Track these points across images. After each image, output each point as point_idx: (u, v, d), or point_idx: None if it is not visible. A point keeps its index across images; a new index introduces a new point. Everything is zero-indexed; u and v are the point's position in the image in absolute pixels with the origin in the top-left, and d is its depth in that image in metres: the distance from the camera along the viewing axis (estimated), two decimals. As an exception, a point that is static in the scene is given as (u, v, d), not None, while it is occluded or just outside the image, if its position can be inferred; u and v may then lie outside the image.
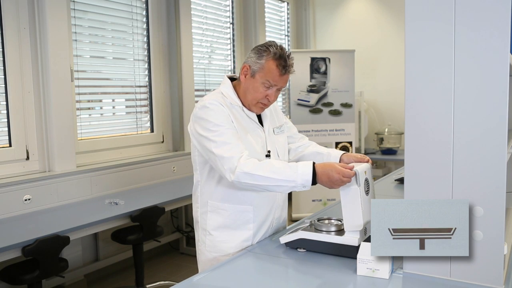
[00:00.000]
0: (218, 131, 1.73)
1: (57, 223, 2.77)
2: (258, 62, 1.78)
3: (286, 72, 1.78)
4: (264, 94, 1.81)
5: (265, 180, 1.66)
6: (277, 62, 1.76)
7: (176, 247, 4.37)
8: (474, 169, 1.39)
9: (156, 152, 4.23)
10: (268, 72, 1.77)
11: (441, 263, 1.44)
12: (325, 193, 5.12)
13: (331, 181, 1.64)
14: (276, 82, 1.78)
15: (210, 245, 1.88)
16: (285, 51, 1.79)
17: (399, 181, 3.00)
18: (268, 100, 1.82)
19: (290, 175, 1.66)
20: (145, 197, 3.41)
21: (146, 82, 4.17)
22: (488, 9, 1.33)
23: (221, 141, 1.72)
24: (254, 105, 1.84)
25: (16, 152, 3.15)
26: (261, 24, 5.39)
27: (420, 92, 1.45)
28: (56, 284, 3.25)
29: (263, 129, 1.90)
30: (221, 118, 1.76)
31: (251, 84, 1.81)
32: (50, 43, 3.19)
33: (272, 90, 1.80)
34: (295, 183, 1.66)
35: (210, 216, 1.88)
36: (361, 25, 6.04)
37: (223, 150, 1.71)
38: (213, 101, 1.79)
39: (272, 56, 1.76)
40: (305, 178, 1.65)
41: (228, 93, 1.86)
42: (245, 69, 1.83)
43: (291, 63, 1.79)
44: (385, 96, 5.92)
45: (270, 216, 1.92)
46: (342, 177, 1.62)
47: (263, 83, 1.78)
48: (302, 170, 1.66)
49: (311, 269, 1.60)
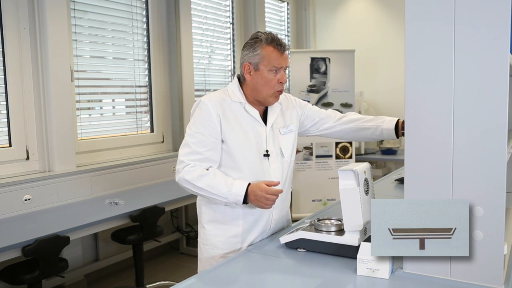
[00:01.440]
0: (192, 133, 1.83)
1: (57, 223, 2.77)
2: (255, 54, 1.81)
3: (284, 50, 1.84)
4: (276, 80, 1.83)
5: (202, 191, 1.79)
6: (273, 45, 1.81)
7: (176, 247, 4.38)
8: (474, 169, 1.39)
9: (156, 152, 4.23)
10: (270, 58, 1.81)
11: (441, 263, 1.44)
12: (325, 193, 5.13)
13: (257, 199, 1.74)
14: (280, 63, 1.82)
15: (203, 238, 1.94)
16: (273, 34, 1.85)
17: (399, 181, 3.00)
18: (281, 84, 1.85)
19: (223, 192, 1.76)
20: (145, 197, 3.41)
21: (146, 82, 4.17)
22: (488, 9, 1.33)
23: (186, 143, 1.84)
24: (271, 95, 1.86)
25: (16, 152, 3.15)
26: (261, 24, 5.39)
27: (420, 92, 1.45)
28: (56, 284, 3.25)
29: (265, 128, 1.90)
30: (204, 121, 1.81)
31: (259, 77, 1.83)
32: (50, 43, 3.19)
33: (280, 73, 1.84)
34: (227, 200, 1.77)
35: (204, 209, 1.94)
36: (361, 25, 6.04)
37: (182, 151, 1.84)
38: (208, 101, 1.83)
39: (265, 42, 1.81)
40: (237, 198, 1.76)
41: (233, 90, 1.89)
42: (247, 68, 1.84)
43: (284, 42, 1.85)
44: (385, 96, 5.92)
45: (265, 217, 1.91)
46: (265, 194, 1.71)
47: (270, 70, 1.81)
48: (236, 190, 1.75)
49: (311, 269, 1.60)
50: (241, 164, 1.83)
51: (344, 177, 1.63)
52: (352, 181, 1.63)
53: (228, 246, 1.88)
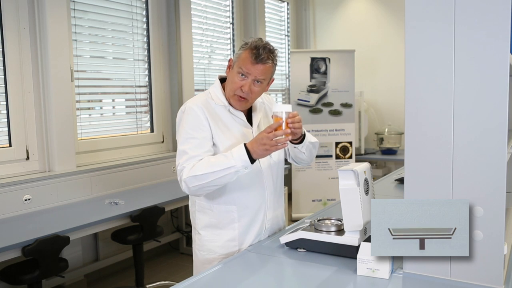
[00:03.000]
0: (185, 140, 1.79)
1: (57, 223, 2.77)
2: (237, 54, 1.82)
3: (258, 62, 1.75)
4: (239, 85, 1.79)
5: (208, 176, 1.70)
6: (251, 51, 1.77)
7: (176, 247, 4.38)
8: (474, 169, 1.39)
9: (156, 152, 4.23)
10: (241, 60, 1.78)
11: (441, 263, 1.44)
12: (325, 193, 5.13)
13: (262, 143, 1.66)
14: (247, 69, 1.76)
15: (199, 244, 1.92)
16: (263, 43, 1.79)
17: (399, 181, 3.00)
18: (241, 91, 1.79)
19: (227, 162, 1.69)
20: (145, 197, 3.41)
21: (146, 82, 4.17)
22: (488, 9, 1.33)
23: (182, 150, 1.79)
24: (231, 97, 1.83)
25: (16, 152, 3.15)
26: (261, 24, 5.39)
27: (420, 92, 1.44)
28: (56, 284, 3.25)
29: (251, 129, 1.89)
30: (195, 126, 1.80)
31: (230, 75, 1.84)
32: (50, 43, 3.19)
33: (246, 81, 1.78)
34: (235, 168, 1.69)
35: (198, 215, 1.92)
36: (361, 25, 6.05)
37: (180, 160, 1.78)
38: (194, 105, 1.82)
39: (249, 46, 1.78)
40: (243, 159, 1.68)
41: (216, 92, 1.88)
42: (229, 63, 1.86)
43: (267, 55, 1.77)
44: (385, 96, 5.92)
45: (260, 217, 1.90)
46: (264, 134, 1.66)
47: (238, 72, 1.79)
48: (237, 153, 1.69)
49: (311, 269, 1.60)
50: None
51: (344, 177, 1.63)
52: (352, 181, 1.63)
53: (225, 250, 1.86)
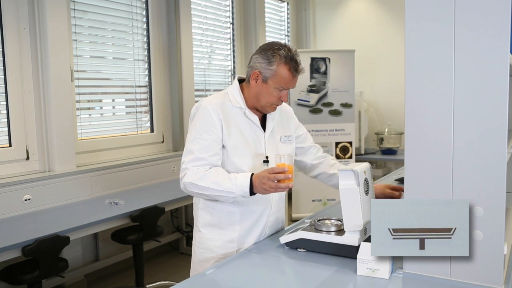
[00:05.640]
0: (194, 139, 1.81)
1: (57, 223, 2.77)
2: (269, 68, 1.79)
3: (298, 74, 1.82)
4: (278, 97, 1.84)
5: (207, 190, 1.75)
6: (289, 66, 1.78)
7: (176, 247, 4.38)
8: (474, 169, 1.39)
9: (156, 152, 4.23)
10: (281, 78, 1.79)
11: (441, 263, 1.44)
12: (325, 193, 5.12)
13: (262, 183, 1.69)
14: (289, 85, 1.82)
15: (198, 241, 1.93)
16: (293, 52, 1.81)
17: (399, 181, 2.99)
18: (281, 101, 1.86)
19: (229, 186, 1.73)
20: (145, 197, 3.41)
21: (146, 82, 4.17)
22: (488, 10, 1.33)
23: (189, 150, 1.81)
24: (268, 107, 1.87)
25: (16, 152, 3.15)
26: (261, 24, 5.39)
27: (420, 92, 1.45)
28: (56, 284, 3.25)
29: (264, 134, 1.89)
30: (206, 126, 1.80)
31: (264, 89, 1.82)
32: (50, 43, 3.19)
33: (285, 92, 1.84)
34: (234, 194, 1.74)
35: (201, 213, 1.93)
36: (361, 25, 6.04)
37: (186, 158, 1.81)
38: (209, 105, 1.82)
39: (284, 60, 1.78)
40: (244, 190, 1.72)
41: (234, 94, 1.88)
42: (255, 75, 1.82)
43: (300, 62, 1.82)
44: (385, 96, 5.92)
45: (262, 222, 1.91)
46: (267, 174, 1.68)
47: (277, 88, 1.81)
48: (240, 182, 1.73)
49: (311, 269, 1.60)
50: (241, 170, 1.82)
51: (344, 177, 1.63)
52: (352, 181, 1.63)
53: (223, 251, 1.87)
